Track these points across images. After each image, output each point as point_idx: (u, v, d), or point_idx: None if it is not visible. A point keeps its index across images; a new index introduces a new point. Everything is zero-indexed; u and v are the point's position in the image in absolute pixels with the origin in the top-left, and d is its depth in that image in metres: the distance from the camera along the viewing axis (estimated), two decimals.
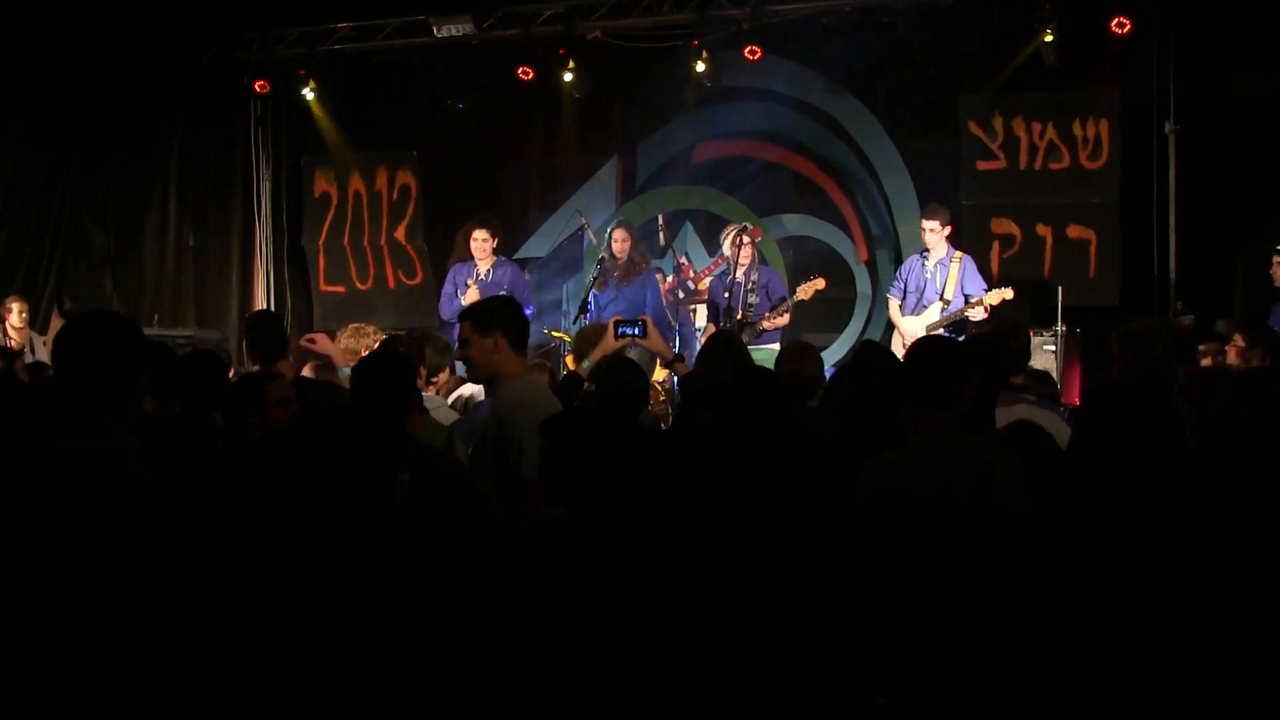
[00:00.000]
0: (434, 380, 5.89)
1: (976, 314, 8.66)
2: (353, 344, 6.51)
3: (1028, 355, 5.19)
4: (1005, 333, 5.03)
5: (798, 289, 9.08)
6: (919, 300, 9.07)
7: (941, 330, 8.70)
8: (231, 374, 7.04)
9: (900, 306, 9.23)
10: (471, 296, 9.10)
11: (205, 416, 4.59)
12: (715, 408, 4.00)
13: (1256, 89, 9.53)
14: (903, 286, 9.23)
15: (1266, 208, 9.40)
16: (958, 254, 9.07)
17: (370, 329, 6.83)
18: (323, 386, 5.44)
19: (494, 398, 4.52)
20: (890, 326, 9.59)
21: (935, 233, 9.01)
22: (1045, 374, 6.04)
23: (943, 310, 8.91)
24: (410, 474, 3.36)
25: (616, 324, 5.33)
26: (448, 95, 11.65)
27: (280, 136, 12.22)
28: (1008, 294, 8.67)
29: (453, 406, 5.92)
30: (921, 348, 3.90)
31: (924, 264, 9.12)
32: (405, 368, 4.43)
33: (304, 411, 3.89)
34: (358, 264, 12.31)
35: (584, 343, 5.74)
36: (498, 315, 4.41)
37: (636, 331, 5.29)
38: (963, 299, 8.87)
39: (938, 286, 8.99)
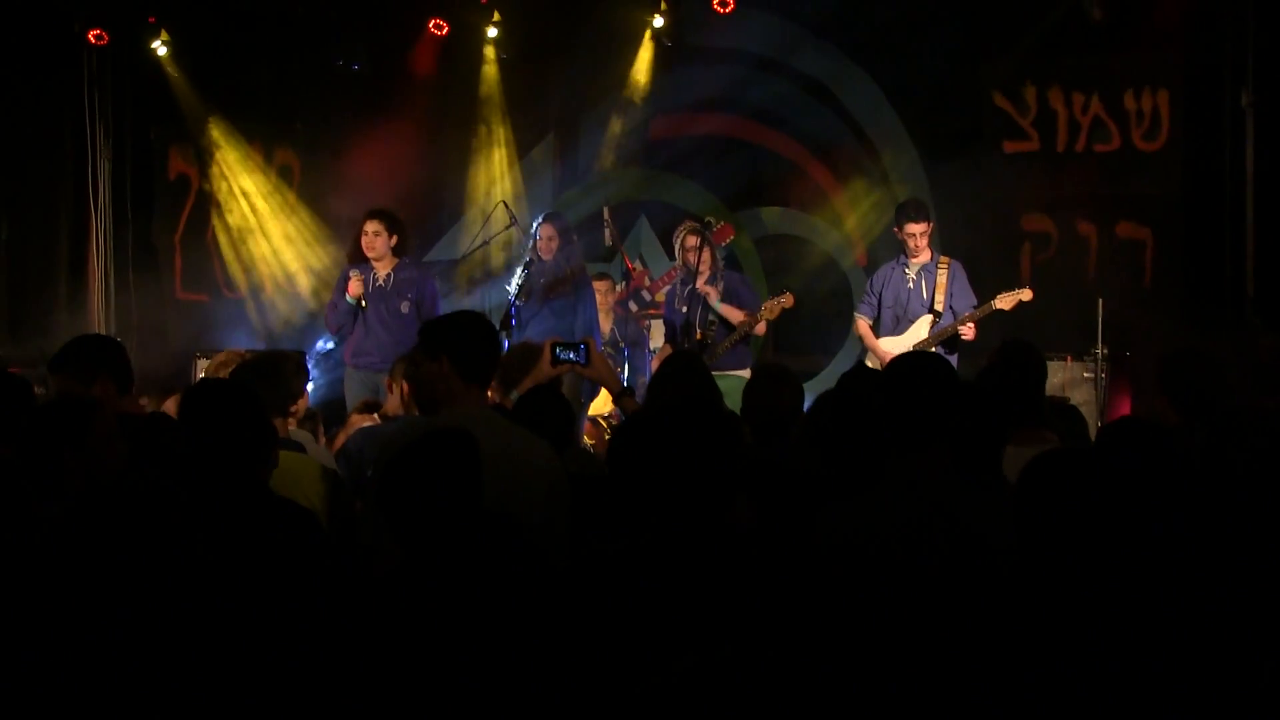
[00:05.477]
0: (293, 410, 5.75)
1: (966, 332, 8.61)
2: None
3: (1041, 386, 5.14)
4: (1018, 357, 4.96)
5: (762, 308, 8.96)
6: (901, 315, 8.94)
7: (934, 349, 8.61)
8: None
9: (874, 325, 9.10)
10: (355, 290, 9.12)
11: None
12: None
13: None
14: (875, 301, 9.10)
15: None
16: (944, 259, 8.98)
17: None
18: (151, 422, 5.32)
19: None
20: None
21: (924, 236, 8.92)
22: (1071, 408, 5.99)
23: (934, 325, 8.79)
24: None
25: (553, 346, 5.36)
26: (339, 53, 11.53)
27: (123, 102, 12.00)
28: (1025, 295, 8.59)
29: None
30: (903, 370, 3.85)
31: (904, 271, 9.01)
32: (257, 409, 4.43)
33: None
34: (225, 265, 12.15)
35: (511, 368, 5.70)
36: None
37: (577, 357, 5.32)
38: (952, 314, 8.79)
39: (924, 297, 8.88)
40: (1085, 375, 9.08)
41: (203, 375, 6.74)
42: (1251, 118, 9.64)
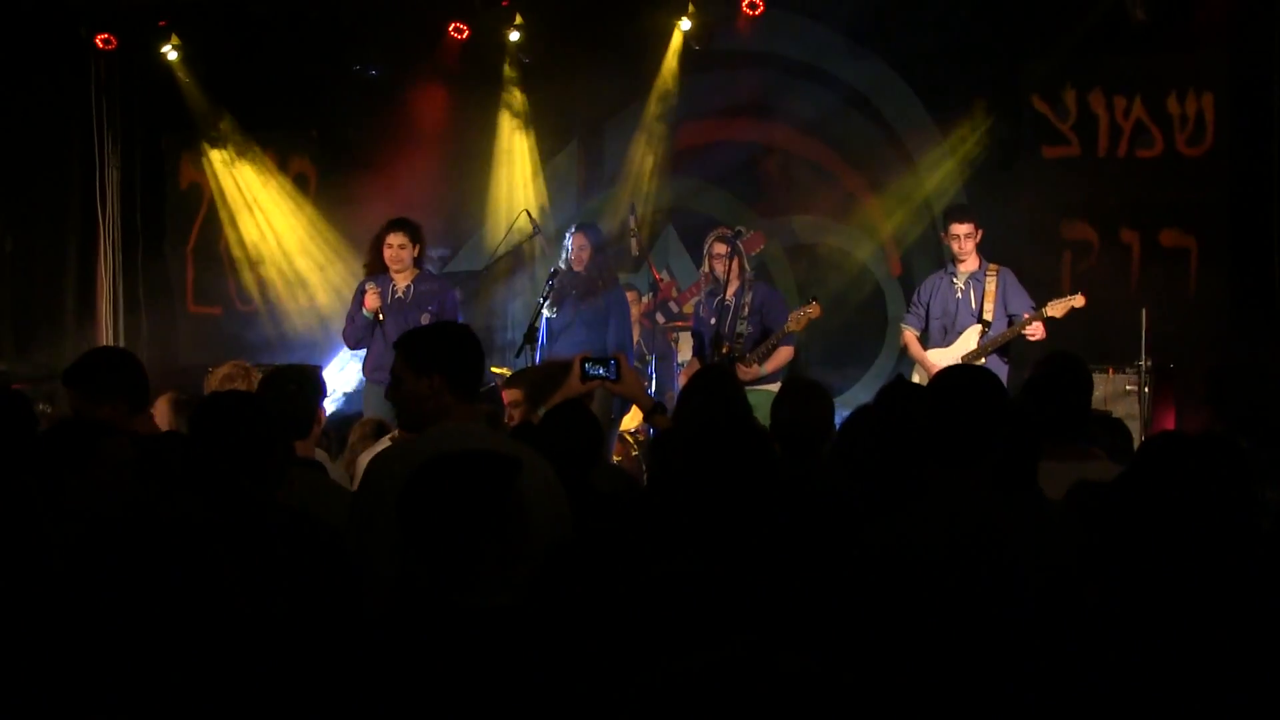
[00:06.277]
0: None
1: (1035, 332, 8.57)
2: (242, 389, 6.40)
3: (1086, 400, 5.09)
4: (1062, 370, 4.92)
5: (789, 318, 8.92)
6: (950, 326, 8.94)
7: (983, 361, 8.58)
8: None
9: (922, 337, 9.09)
10: (372, 303, 9.05)
11: None
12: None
13: None
14: (923, 313, 9.10)
15: None
16: (993, 266, 8.95)
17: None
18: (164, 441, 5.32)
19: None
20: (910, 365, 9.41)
21: (970, 239, 8.89)
22: (1116, 422, 5.94)
23: (983, 335, 8.78)
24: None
25: (583, 362, 5.39)
26: (356, 58, 11.54)
27: (133, 109, 12.03)
28: (1077, 301, 8.57)
29: None
30: (949, 384, 3.82)
31: (952, 281, 9.00)
32: (268, 419, 4.38)
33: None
34: (238, 277, 12.16)
35: (541, 382, 5.68)
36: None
37: (607, 373, 5.36)
38: (1006, 321, 8.77)
39: (973, 307, 8.86)
40: (1128, 388, 9.03)
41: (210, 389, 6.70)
42: None
